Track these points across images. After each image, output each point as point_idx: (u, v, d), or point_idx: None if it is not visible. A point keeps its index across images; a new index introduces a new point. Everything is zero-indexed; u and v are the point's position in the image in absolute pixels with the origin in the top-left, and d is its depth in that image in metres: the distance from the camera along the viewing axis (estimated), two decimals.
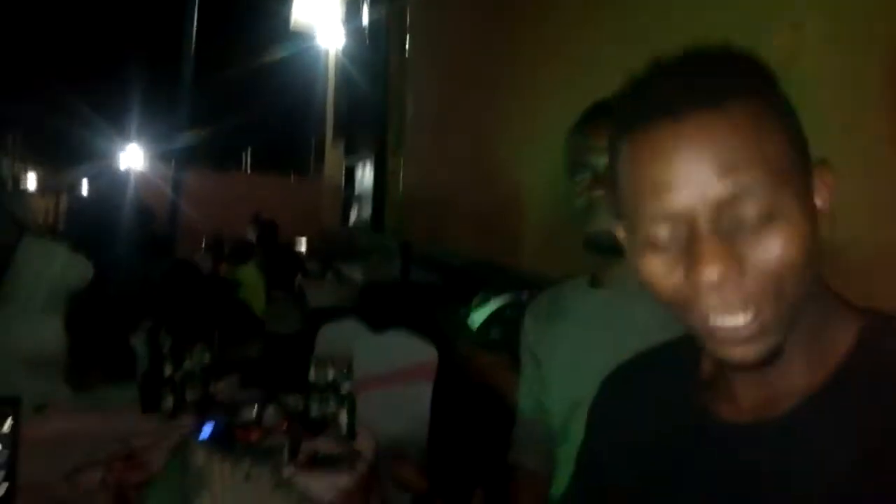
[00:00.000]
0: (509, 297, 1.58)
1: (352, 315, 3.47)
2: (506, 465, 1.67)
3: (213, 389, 2.32)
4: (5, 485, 1.45)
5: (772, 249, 0.52)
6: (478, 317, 1.56)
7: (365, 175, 7.18)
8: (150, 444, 1.85)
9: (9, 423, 1.48)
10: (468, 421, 2.71)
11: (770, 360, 0.55)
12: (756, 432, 0.59)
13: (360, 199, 7.48)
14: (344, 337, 3.39)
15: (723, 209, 0.52)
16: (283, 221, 8.41)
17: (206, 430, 1.80)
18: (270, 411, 1.76)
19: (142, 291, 3.31)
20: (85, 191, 14.16)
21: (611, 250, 1.05)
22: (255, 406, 1.84)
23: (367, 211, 6.49)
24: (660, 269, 0.56)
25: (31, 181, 14.30)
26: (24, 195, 5.74)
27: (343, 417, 1.97)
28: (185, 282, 3.26)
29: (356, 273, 5.64)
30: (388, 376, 3.01)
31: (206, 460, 0.84)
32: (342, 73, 8.55)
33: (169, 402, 2.16)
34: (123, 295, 3.51)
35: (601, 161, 1.02)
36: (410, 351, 3.11)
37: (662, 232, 0.55)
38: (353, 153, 8.03)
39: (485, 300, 1.58)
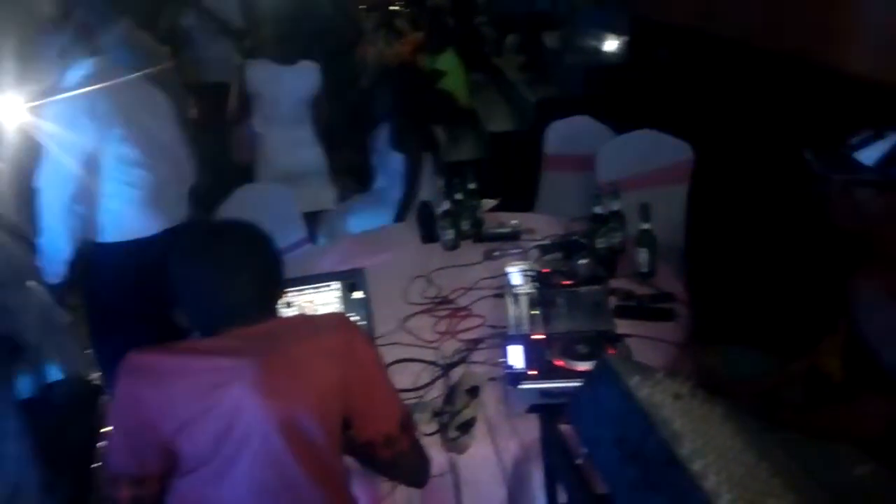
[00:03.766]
0: None
1: (582, 109, 3.20)
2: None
3: (480, 216, 2.30)
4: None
5: None
6: (870, 153, 1.28)
7: None
8: (459, 288, 1.91)
9: (359, 292, 1.55)
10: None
11: None
12: None
13: None
14: (577, 134, 3.18)
15: None
16: None
17: (514, 276, 1.79)
18: (583, 259, 1.69)
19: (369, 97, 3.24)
20: None
21: None
22: (562, 255, 1.78)
23: None
24: None
25: None
26: None
27: (642, 255, 1.86)
28: (404, 85, 3.08)
29: (553, 42, 5.11)
30: (637, 178, 2.81)
31: (652, 402, 0.79)
32: None
33: (449, 234, 2.17)
34: (357, 100, 3.50)
35: None
36: (661, 150, 2.85)
37: None
38: None
39: (878, 135, 1.28)
